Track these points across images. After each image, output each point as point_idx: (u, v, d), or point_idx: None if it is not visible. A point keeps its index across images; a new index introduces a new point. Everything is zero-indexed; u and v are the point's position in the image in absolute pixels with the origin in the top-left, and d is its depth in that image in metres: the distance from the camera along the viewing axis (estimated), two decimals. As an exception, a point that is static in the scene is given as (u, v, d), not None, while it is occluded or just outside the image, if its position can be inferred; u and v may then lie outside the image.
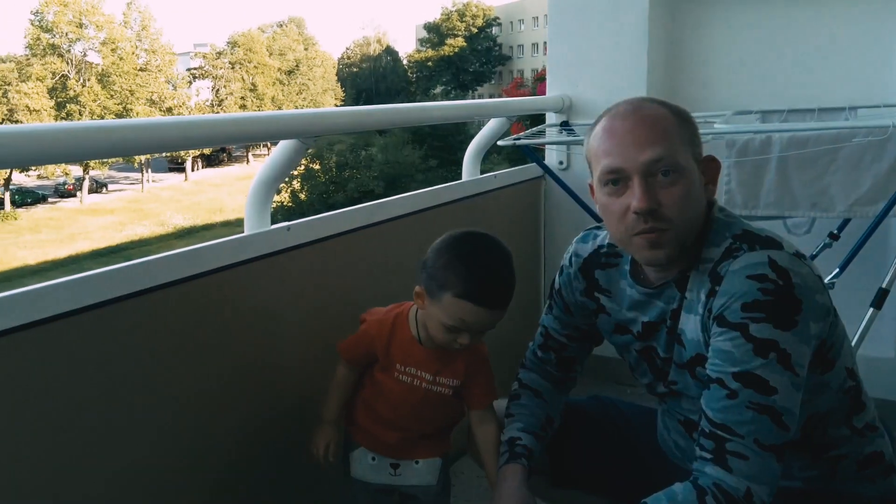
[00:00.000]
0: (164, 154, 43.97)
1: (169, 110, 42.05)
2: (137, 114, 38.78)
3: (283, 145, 1.89)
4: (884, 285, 2.39)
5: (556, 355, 1.71)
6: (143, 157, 40.53)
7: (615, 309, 1.57)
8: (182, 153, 43.68)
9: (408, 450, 1.77)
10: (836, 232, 2.62)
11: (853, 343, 2.31)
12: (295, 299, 1.93)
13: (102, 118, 33.46)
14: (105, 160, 38.32)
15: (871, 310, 2.37)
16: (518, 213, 3.14)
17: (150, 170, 43.88)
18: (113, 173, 44.65)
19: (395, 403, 1.73)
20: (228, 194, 40.67)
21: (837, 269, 2.40)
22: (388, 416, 1.74)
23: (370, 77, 60.28)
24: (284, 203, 27.84)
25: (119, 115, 38.17)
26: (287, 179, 28.32)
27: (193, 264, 1.65)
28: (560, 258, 1.70)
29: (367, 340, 1.73)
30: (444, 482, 1.83)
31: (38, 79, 39.66)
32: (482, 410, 1.73)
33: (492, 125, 2.93)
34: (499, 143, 2.91)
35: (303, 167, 27.36)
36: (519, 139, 2.84)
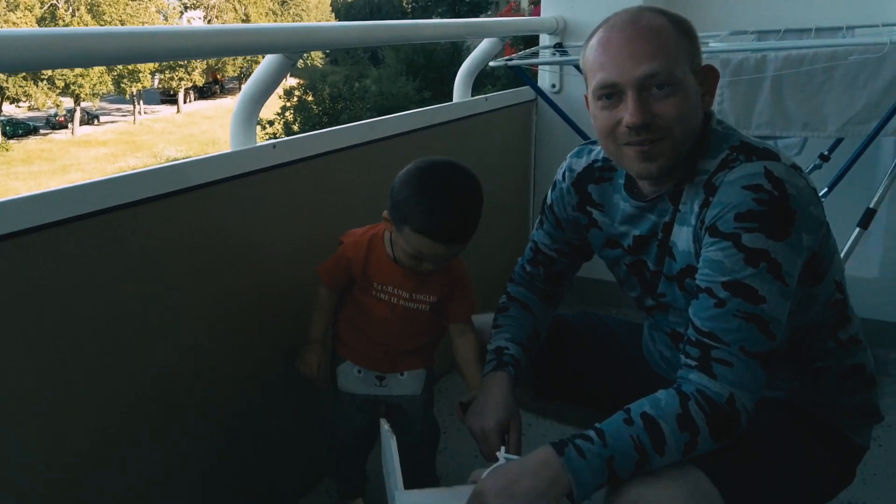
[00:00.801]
0: (156, 85, 43.39)
1: (160, 41, 41.21)
2: (128, 44, 38.09)
3: (268, 60, 1.87)
4: (871, 205, 2.39)
5: (545, 270, 1.72)
6: (134, 89, 40.02)
7: (607, 223, 1.56)
8: (174, 85, 43.11)
9: (392, 364, 1.80)
10: (826, 153, 2.62)
11: (839, 263, 2.33)
12: (281, 217, 1.92)
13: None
14: (96, 91, 37.87)
15: (858, 229, 2.38)
16: (509, 136, 3.11)
17: (141, 102, 43.30)
18: (105, 105, 44.06)
19: (375, 321, 1.75)
20: (221, 126, 40.19)
21: (826, 189, 2.40)
22: (371, 333, 1.77)
23: (365, 8, 58.92)
24: (277, 135, 27.58)
25: (109, 46, 37.51)
26: (280, 111, 28.13)
27: (178, 179, 1.63)
28: (550, 180, 1.69)
29: (344, 262, 1.74)
30: (429, 393, 1.87)
31: (26, 8, 38.84)
32: (461, 324, 1.76)
33: (484, 46, 2.88)
34: (490, 63, 2.87)
35: (296, 99, 27.03)
36: (511, 59, 2.80)
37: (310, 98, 26.38)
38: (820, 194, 2.38)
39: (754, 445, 1.33)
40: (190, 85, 44.78)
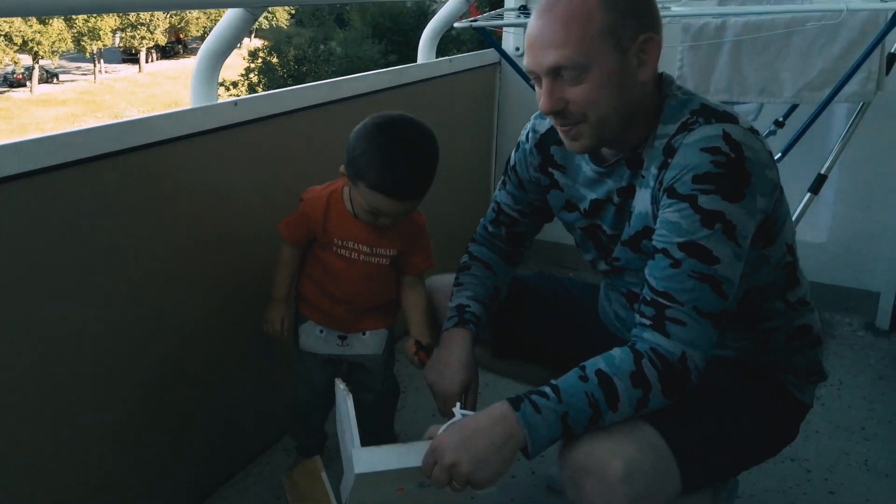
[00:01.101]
0: (117, 44, 42.44)
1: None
2: None
3: (230, 15, 1.85)
4: (823, 171, 2.45)
5: (506, 230, 1.74)
6: (95, 47, 39.11)
7: (569, 185, 1.58)
8: (136, 44, 42.20)
9: (355, 323, 1.82)
10: (781, 120, 2.66)
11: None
12: (243, 176, 1.91)
13: None
14: (55, 48, 36.91)
15: (809, 195, 2.43)
16: (473, 98, 3.12)
17: (102, 60, 42.36)
18: (64, 63, 43.06)
19: (337, 278, 1.77)
20: (185, 87, 39.26)
21: (780, 154, 2.45)
22: (333, 290, 1.78)
23: (331, -33, 58.00)
24: (241, 96, 27.04)
25: None
26: (244, 73, 27.73)
27: (138, 135, 1.62)
28: (513, 142, 1.70)
29: (304, 219, 1.75)
30: (389, 352, 1.89)
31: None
32: (415, 277, 1.79)
33: (449, 6, 2.88)
34: (455, 25, 2.88)
35: (260, 60, 26.68)
36: (476, 21, 2.80)
37: (274, 60, 26.05)
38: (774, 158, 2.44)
39: (703, 402, 1.38)
40: (152, 44, 43.88)
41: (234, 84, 26.67)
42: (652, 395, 1.28)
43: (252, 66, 27.09)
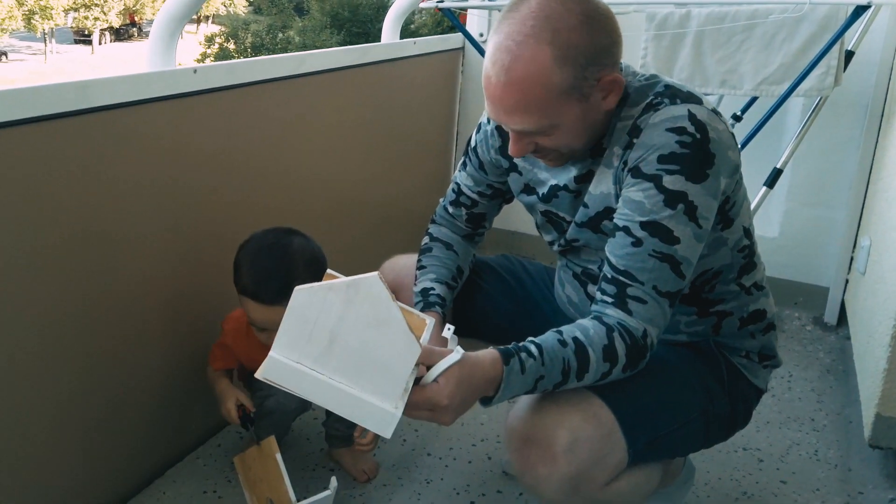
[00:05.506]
0: (69, 24, 41.53)
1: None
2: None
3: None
4: (778, 165, 2.48)
5: (466, 211, 1.73)
6: (46, 26, 38.21)
7: (527, 169, 1.57)
8: (89, 25, 41.32)
9: None
10: (739, 114, 2.70)
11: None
12: (198, 146, 1.85)
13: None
14: (4, 26, 35.97)
15: (764, 188, 2.46)
16: (435, 82, 3.10)
17: (53, 40, 41.41)
18: (14, 42, 42.01)
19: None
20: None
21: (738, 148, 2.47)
22: None
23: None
24: (197, 83, 26.72)
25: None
26: (200, 59, 27.35)
27: (87, 97, 1.55)
28: (474, 126, 1.69)
29: (228, 350, 1.82)
30: None
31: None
32: None
33: (414, -13, 2.86)
34: (421, 5, 2.86)
35: (217, 46, 26.41)
36: (442, 2, 2.79)
37: (231, 46, 25.81)
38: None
39: (653, 377, 1.39)
40: (105, 26, 43.03)
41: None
42: (615, 369, 1.29)
43: (208, 51, 26.81)
